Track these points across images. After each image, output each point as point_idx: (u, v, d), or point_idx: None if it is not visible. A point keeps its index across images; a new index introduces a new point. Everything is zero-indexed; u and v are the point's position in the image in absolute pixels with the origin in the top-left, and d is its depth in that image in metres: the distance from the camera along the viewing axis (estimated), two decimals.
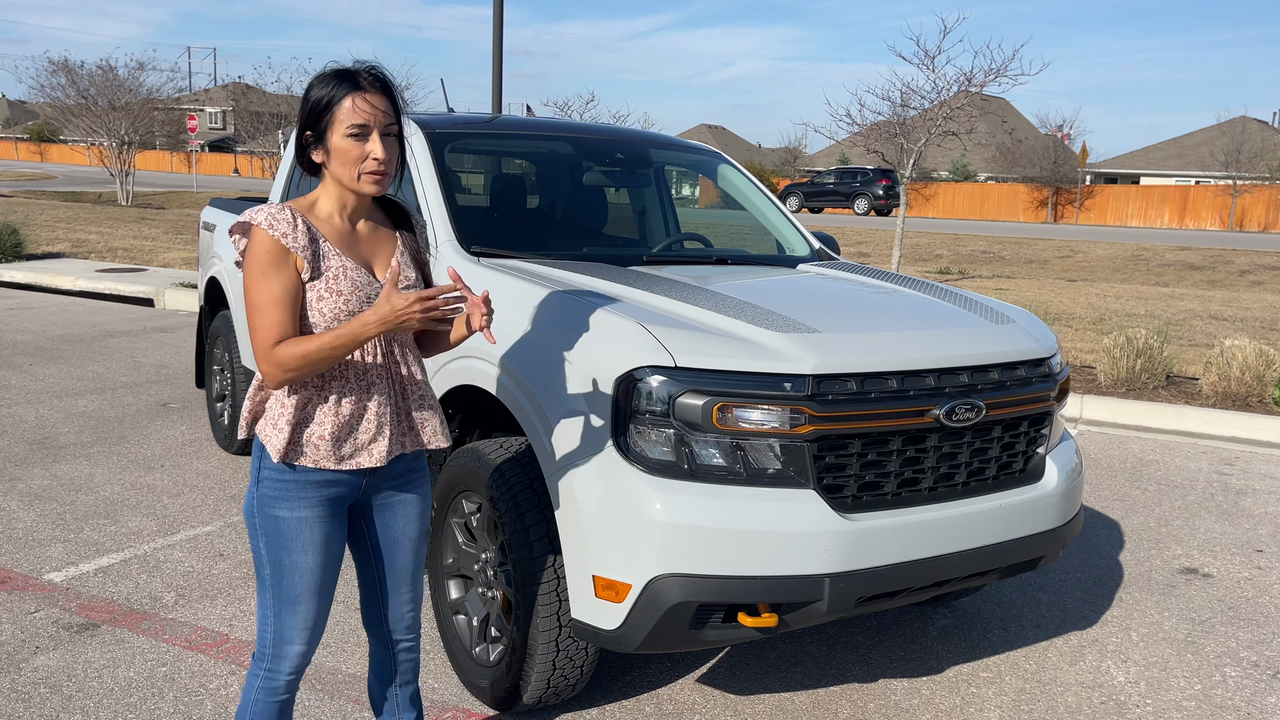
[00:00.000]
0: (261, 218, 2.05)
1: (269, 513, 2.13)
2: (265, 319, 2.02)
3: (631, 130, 5.18)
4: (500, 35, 12.34)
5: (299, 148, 2.13)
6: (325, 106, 2.06)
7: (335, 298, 2.08)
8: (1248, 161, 43.88)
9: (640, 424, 2.62)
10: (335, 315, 2.08)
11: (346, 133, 2.06)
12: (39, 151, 68.82)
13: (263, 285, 2.03)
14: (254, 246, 2.04)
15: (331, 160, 2.09)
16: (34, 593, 3.75)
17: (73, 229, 18.08)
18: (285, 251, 2.04)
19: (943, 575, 2.83)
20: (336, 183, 2.12)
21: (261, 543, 2.16)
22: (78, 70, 28.63)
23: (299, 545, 2.14)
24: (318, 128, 2.08)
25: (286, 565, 2.15)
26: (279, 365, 2.00)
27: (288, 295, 2.04)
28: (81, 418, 6.16)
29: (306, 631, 2.21)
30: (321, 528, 2.16)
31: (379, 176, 2.10)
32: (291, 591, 2.17)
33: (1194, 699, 3.33)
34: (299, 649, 2.21)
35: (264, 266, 2.03)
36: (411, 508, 2.33)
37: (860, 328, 3.02)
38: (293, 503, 2.13)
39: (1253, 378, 7.19)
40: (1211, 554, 4.66)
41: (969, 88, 14.68)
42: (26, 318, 9.76)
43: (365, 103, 2.06)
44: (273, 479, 2.12)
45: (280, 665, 2.21)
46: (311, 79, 2.13)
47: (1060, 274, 20.46)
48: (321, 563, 2.18)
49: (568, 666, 2.89)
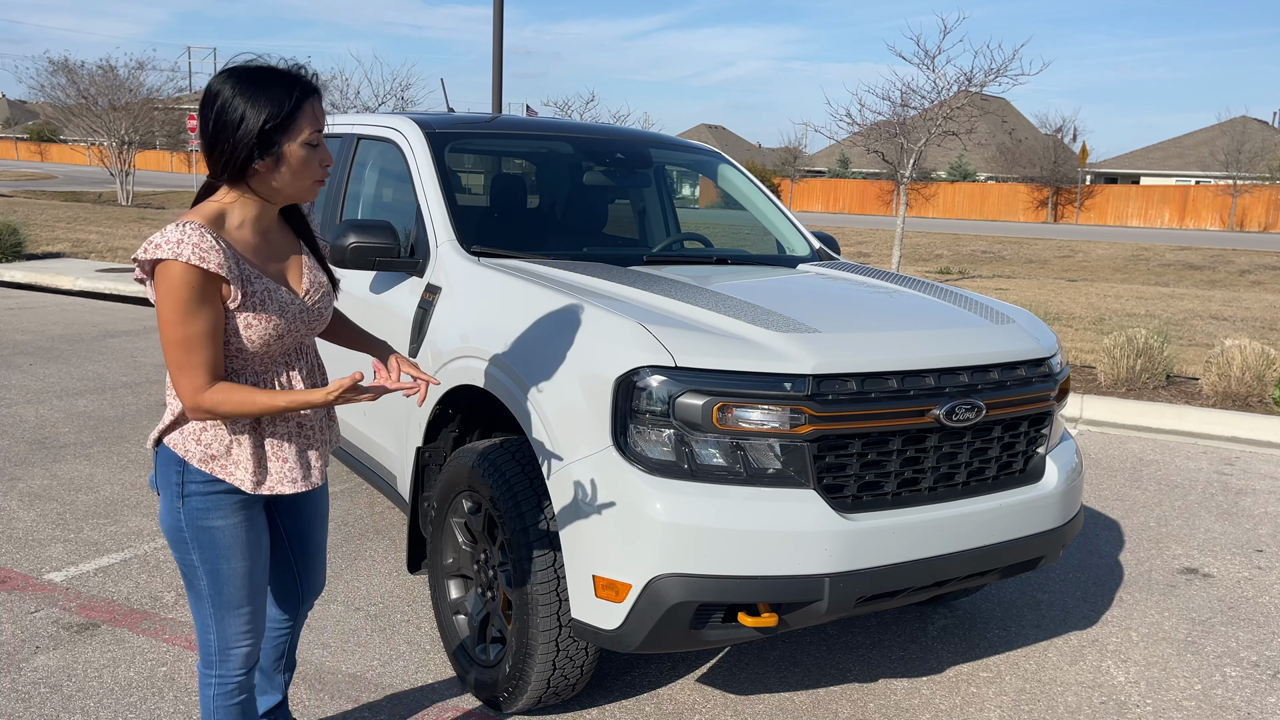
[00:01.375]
0: (188, 251, 1.86)
1: (201, 525, 2.09)
2: (194, 358, 1.91)
3: (631, 130, 5.18)
4: (500, 35, 12.34)
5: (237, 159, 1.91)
6: (287, 115, 1.90)
7: (265, 324, 1.99)
8: (1248, 161, 43.90)
9: (640, 424, 2.62)
10: (264, 340, 2.01)
11: (309, 140, 1.94)
12: (39, 151, 68.83)
13: (189, 321, 1.89)
14: (176, 280, 1.87)
15: (281, 169, 1.94)
16: (34, 593, 3.75)
17: (73, 229, 18.08)
18: (216, 282, 1.90)
19: (943, 575, 2.83)
20: (264, 190, 1.97)
21: (195, 555, 2.11)
22: (78, 70, 28.67)
23: (236, 551, 2.12)
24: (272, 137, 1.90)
25: (225, 573, 2.13)
26: (211, 410, 1.94)
27: (215, 329, 1.93)
28: (81, 418, 6.16)
29: (251, 632, 2.21)
30: (254, 529, 2.15)
31: (323, 184, 2.04)
32: (233, 598, 2.15)
33: (1194, 699, 3.33)
34: (245, 649, 2.22)
35: (188, 302, 1.88)
36: (318, 499, 2.42)
37: (860, 328, 3.02)
38: (224, 511, 2.09)
39: (1253, 378, 7.19)
40: (1211, 554, 4.66)
41: (969, 88, 14.70)
42: (26, 318, 9.76)
43: (320, 109, 1.97)
44: (202, 492, 2.07)
45: (229, 669, 2.21)
46: (225, 84, 1.90)
47: (1060, 274, 20.46)
48: (260, 565, 2.19)
49: (568, 666, 2.89)
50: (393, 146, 4.03)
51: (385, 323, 3.71)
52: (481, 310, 3.21)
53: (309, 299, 2.10)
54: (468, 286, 3.35)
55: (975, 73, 14.53)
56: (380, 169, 4.28)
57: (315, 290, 2.12)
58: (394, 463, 3.73)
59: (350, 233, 3.43)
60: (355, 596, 3.83)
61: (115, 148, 27.64)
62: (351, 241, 3.42)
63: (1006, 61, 15.95)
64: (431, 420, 3.38)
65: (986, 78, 14.43)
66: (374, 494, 5.00)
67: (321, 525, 2.45)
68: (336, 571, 4.05)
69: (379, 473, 3.90)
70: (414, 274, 3.62)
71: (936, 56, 14.47)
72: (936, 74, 14.65)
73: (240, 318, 1.97)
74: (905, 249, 23.49)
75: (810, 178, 57.68)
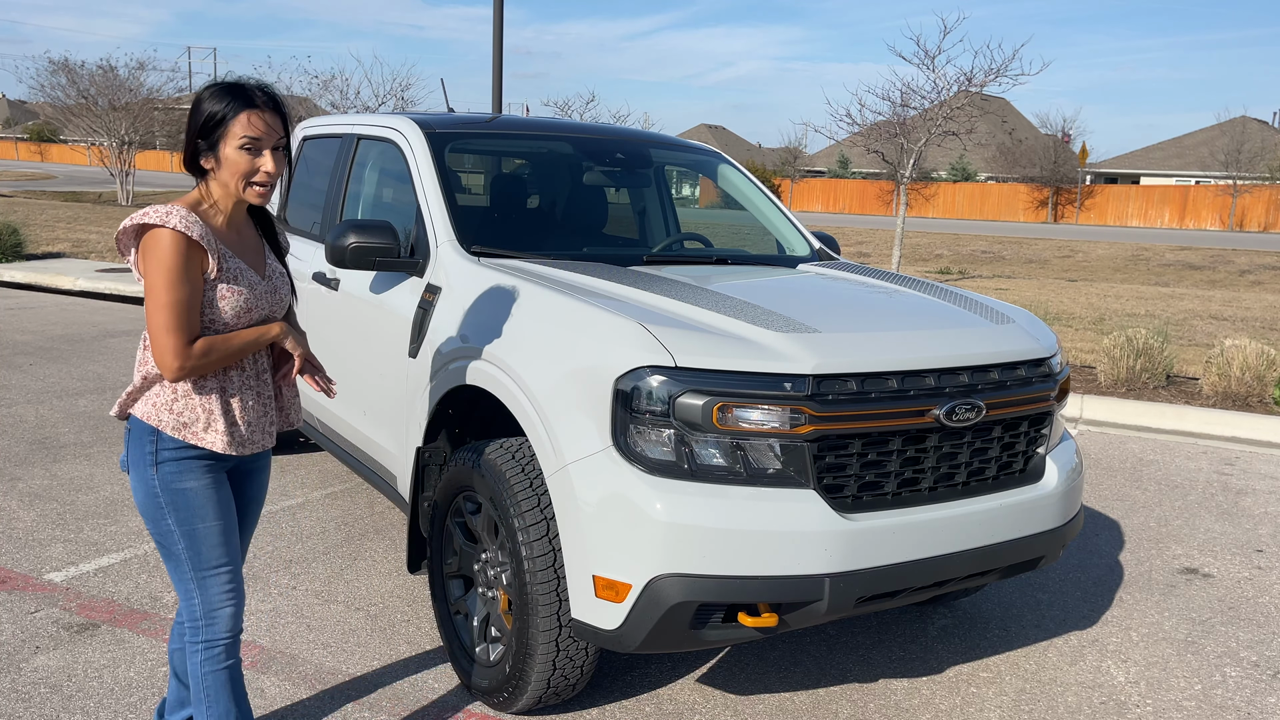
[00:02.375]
0: (176, 220, 2.15)
1: (176, 488, 2.28)
2: (178, 319, 2.16)
3: (631, 130, 5.18)
4: (500, 35, 12.34)
5: (189, 153, 2.25)
6: (220, 120, 2.19)
7: (236, 297, 2.26)
8: (1248, 161, 43.91)
9: (640, 424, 2.62)
10: (235, 313, 2.27)
11: (240, 144, 2.20)
12: (39, 151, 68.83)
13: (176, 286, 2.15)
14: (166, 248, 2.15)
15: (221, 169, 2.23)
16: (34, 593, 3.74)
17: (73, 229, 18.08)
18: (200, 253, 2.19)
19: (943, 575, 2.83)
20: (223, 189, 2.26)
21: (171, 519, 2.29)
22: (78, 70, 28.64)
23: (210, 511, 2.31)
24: (210, 138, 2.21)
25: (201, 532, 2.30)
26: (196, 360, 2.18)
27: (196, 297, 2.20)
28: (81, 418, 6.16)
29: (231, 591, 2.35)
30: (223, 491, 2.35)
31: (264, 189, 2.26)
32: (210, 557, 2.32)
33: (1194, 699, 3.33)
34: (229, 609, 2.35)
35: (177, 268, 2.15)
36: (265, 475, 2.58)
37: (860, 328, 3.02)
38: (197, 473, 2.30)
39: (1253, 378, 7.19)
40: (1211, 554, 4.66)
41: (969, 88, 14.69)
42: (26, 318, 9.76)
43: (259, 119, 2.21)
44: (174, 457, 2.27)
45: (216, 631, 2.34)
46: (202, 91, 2.25)
47: (1060, 274, 20.46)
48: (230, 523, 2.36)
49: (568, 666, 2.89)
50: (393, 146, 4.02)
51: (385, 323, 3.71)
52: (482, 310, 3.21)
53: (271, 284, 2.38)
54: (468, 287, 3.35)
55: (975, 73, 14.53)
56: (380, 169, 4.28)
57: (276, 277, 2.41)
58: (394, 463, 3.73)
59: (350, 233, 3.43)
60: (355, 596, 3.83)
61: (115, 148, 27.63)
62: (351, 241, 3.41)
63: (1006, 61, 15.94)
64: (431, 420, 3.38)
65: (986, 78, 14.43)
66: (374, 494, 5.00)
67: (257, 512, 2.61)
68: (336, 571, 4.05)
69: (379, 473, 3.90)
70: (414, 274, 3.62)
71: (936, 56, 14.47)
72: (936, 74, 14.65)
73: (217, 289, 2.24)
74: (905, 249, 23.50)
75: (810, 178, 57.69)
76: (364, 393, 3.96)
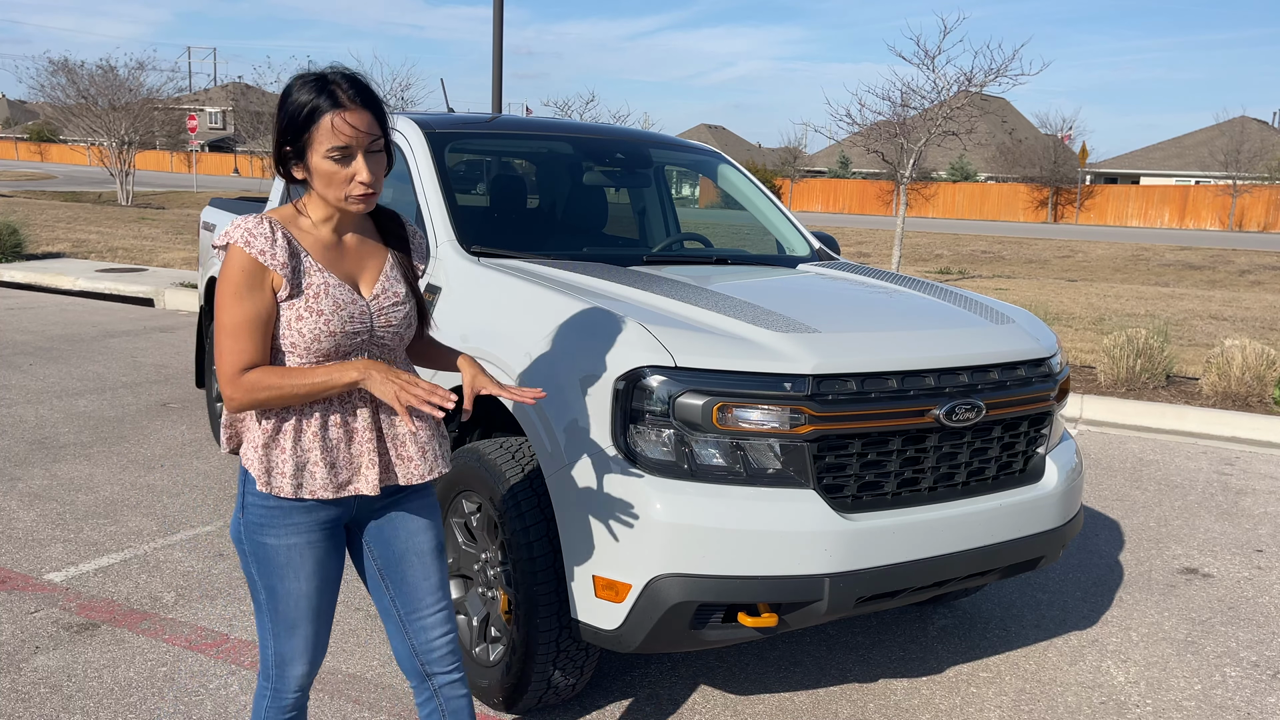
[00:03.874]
0: (238, 235, 1.92)
1: (256, 539, 2.03)
2: (235, 343, 1.91)
3: (631, 130, 5.18)
4: (500, 35, 12.34)
5: (278, 159, 1.98)
6: (303, 124, 1.91)
7: (315, 317, 1.95)
8: (1247, 161, 43.91)
9: (640, 424, 2.62)
10: (315, 335, 1.95)
11: (327, 155, 1.91)
12: (39, 151, 68.83)
13: (235, 307, 1.91)
14: (229, 265, 1.92)
15: (314, 179, 1.95)
16: (34, 593, 3.74)
17: (73, 229, 18.08)
18: (262, 270, 1.92)
19: (943, 575, 2.83)
20: (320, 199, 1.99)
21: (253, 568, 2.06)
22: (78, 70, 28.66)
23: (291, 572, 2.04)
24: (296, 144, 1.93)
25: (280, 592, 2.06)
26: (247, 392, 1.91)
27: (260, 318, 1.93)
28: (81, 418, 6.16)
29: (307, 652, 2.12)
30: (313, 553, 2.05)
31: (366, 197, 1.97)
32: (288, 617, 2.08)
33: (1194, 699, 3.33)
34: (301, 669, 2.13)
35: (238, 287, 1.91)
36: (414, 519, 2.17)
37: (860, 328, 3.02)
38: (280, 530, 2.02)
39: (1253, 378, 7.19)
40: (1211, 554, 4.66)
41: (969, 88, 14.69)
42: (26, 318, 9.76)
43: (345, 124, 1.90)
44: (258, 506, 2.02)
45: (285, 685, 2.14)
46: (289, 84, 1.96)
47: (1060, 274, 20.46)
48: (317, 587, 2.08)
49: (568, 666, 2.89)
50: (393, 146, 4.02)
51: None
52: (481, 310, 3.21)
53: (375, 304, 2.03)
54: (468, 286, 3.35)
55: (975, 73, 14.53)
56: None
57: (386, 298, 2.05)
58: None
59: None
60: (355, 596, 3.82)
61: (115, 148, 27.63)
62: None
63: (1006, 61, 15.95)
64: None
65: (986, 78, 14.43)
66: None
67: (420, 565, 2.17)
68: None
69: None
70: None
71: (936, 56, 14.47)
72: (936, 74, 14.66)
73: (290, 309, 1.95)
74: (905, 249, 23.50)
75: (810, 178, 57.68)
76: None
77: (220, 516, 4.61)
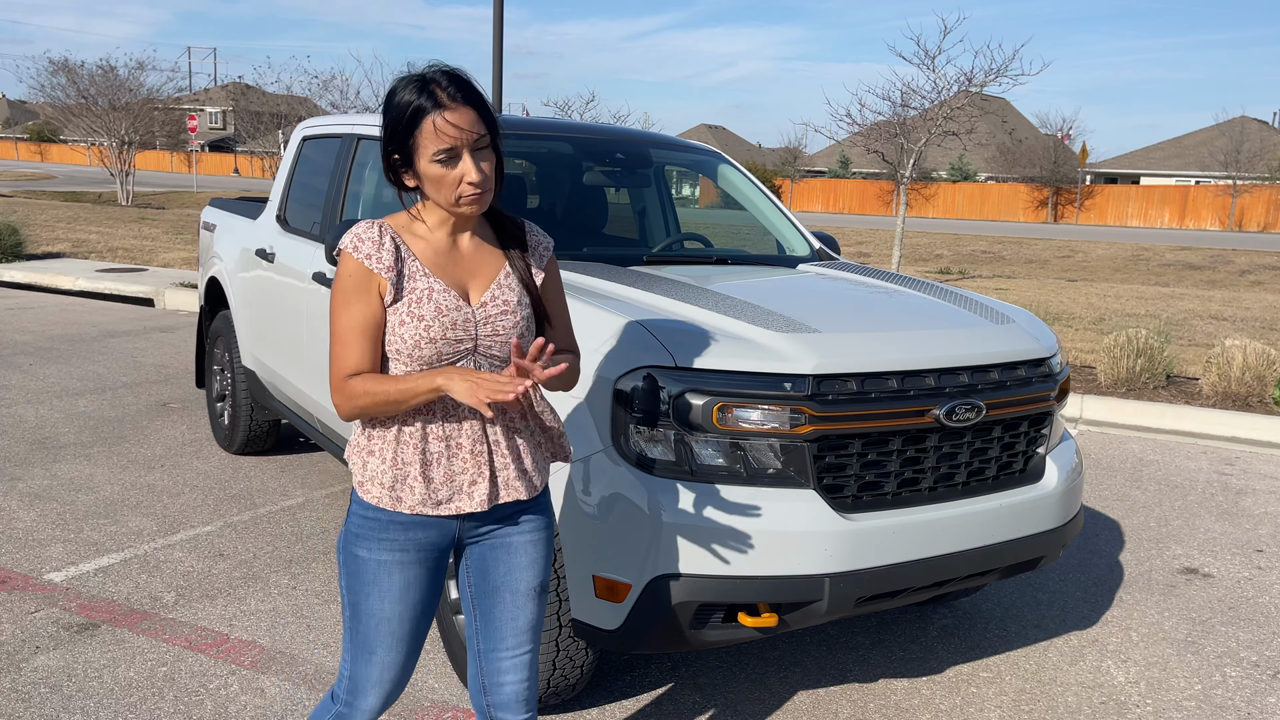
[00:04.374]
0: (348, 240, 1.90)
1: (350, 550, 1.97)
2: (340, 348, 1.89)
3: (631, 130, 5.18)
4: (500, 35, 12.34)
5: (387, 167, 1.94)
6: (406, 129, 1.86)
7: (416, 323, 1.88)
8: (1247, 161, 43.93)
9: (640, 424, 2.62)
10: (415, 342, 1.88)
11: (433, 159, 1.85)
12: (39, 151, 68.84)
13: (342, 312, 1.89)
14: (340, 270, 1.91)
15: (425, 185, 1.91)
16: (34, 593, 3.74)
17: (73, 229, 18.08)
18: (368, 275, 1.88)
19: (943, 575, 2.83)
20: (433, 204, 1.95)
21: (343, 581, 2.00)
22: (78, 70, 28.66)
23: (375, 590, 1.95)
24: (403, 150, 1.89)
25: (363, 610, 1.97)
26: (348, 399, 1.87)
27: (367, 324, 1.88)
28: (81, 418, 6.16)
29: (382, 685, 2.01)
30: (401, 574, 1.95)
31: (476, 197, 1.90)
32: (366, 639, 1.98)
33: (1194, 699, 3.33)
34: (373, 702, 2.02)
35: (346, 292, 1.89)
36: (519, 554, 2.05)
37: (860, 328, 3.02)
38: (372, 543, 1.94)
39: (1253, 378, 7.19)
40: (1211, 554, 4.66)
41: (969, 88, 14.70)
42: (26, 318, 9.76)
43: (448, 124, 1.83)
44: (358, 515, 1.96)
45: (353, 709, 2.04)
46: (391, 87, 1.91)
47: (1060, 274, 20.46)
48: (399, 612, 1.97)
49: (568, 666, 2.89)
50: None
51: None
52: None
53: (481, 312, 1.95)
54: None
55: (975, 73, 14.53)
56: (380, 169, 4.27)
57: (494, 306, 1.96)
58: None
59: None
60: None
61: (115, 148, 27.63)
62: None
63: (1006, 62, 15.96)
64: None
65: (986, 78, 14.44)
66: None
67: (511, 605, 2.06)
68: (337, 571, 4.05)
69: None
70: None
71: (937, 56, 14.47)
72: (936, 74, 14.66)
73: (394, 314, 1.90)
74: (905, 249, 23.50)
75: (810, 178, 57.69)
76: None
77: (220, 516, 4.61)
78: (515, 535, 2.05)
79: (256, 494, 4.94)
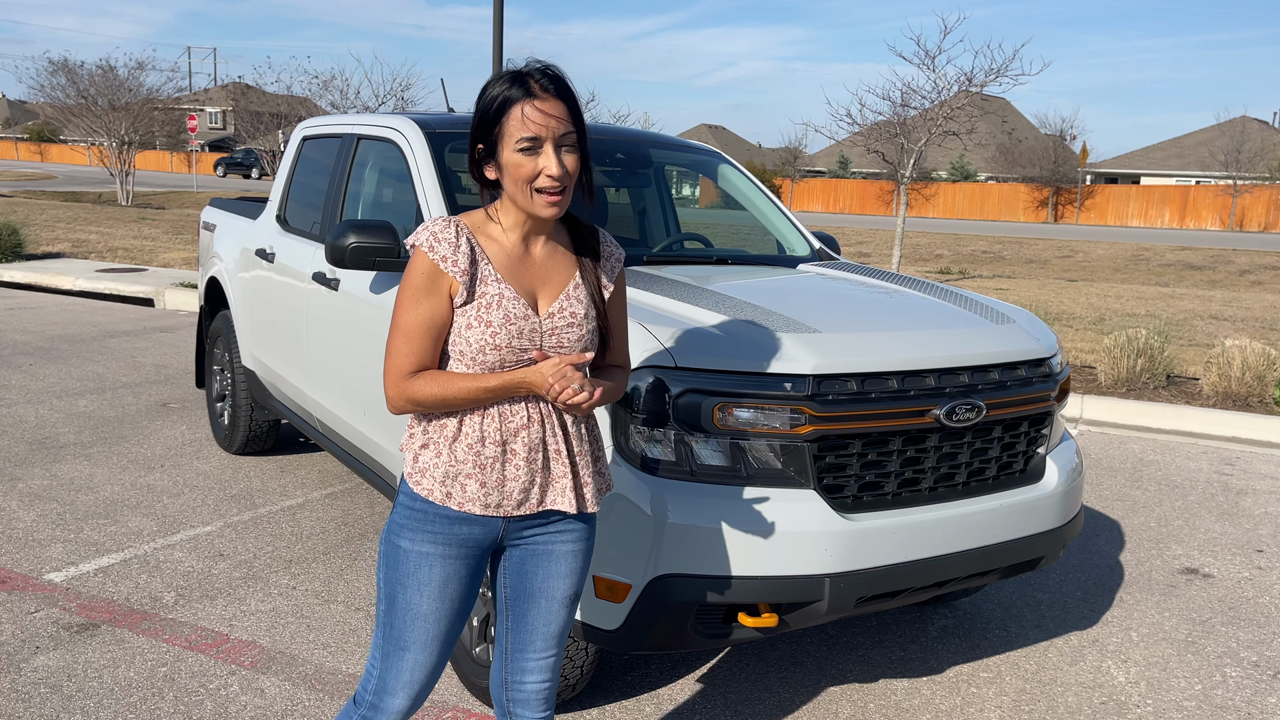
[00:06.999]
0: (424, 237, 1.88)
1: (392, 540, 1.95)
2: (405, 345, 1.87)
3: (631, 130, 5.17)
4: (500, 35, 12.34)
5: (471, 160, 1.92)
6: (494, 116, 1.84)
7: (483, 328, 1.87)
8: (1248, 161, 43.92)
9: (641, 424, 2.62)
10: (480, 347, 1.88)
11: (517, 147, 1.83)
12: (39, 151, 68.84)
13: (410, 308, 1.87)
14: (411, 266, 1.89)
15: (504, 177, 1.87)
16: (34, 593, 3.74)
17: (73, 229, 18.08)
18: (440, 275, 1.87)
19: (943, 575, 2.83)
20: (511, 202, 1.91)
21: (382, 573, 1.98)
22: (77, 70, 28.66)
23: (414, 583, 1.93)
24: (488, 140, 1.87)
25: (400, 603, 1.95)
26: (408, 396, 1.87)
27: (433, 323, 1.88)
28: (81, 418, 6.16)
29: (411, 686, 1.99)
30: (442, 568, 1.94)
31: (554, 197, 1.87)
32: (400, 635, 1.96)
33: (1194, 699, 3.33)
34: (400, 704, 1.99)
35: (415, 289, 1.87)
36: (559, 563, 2.04)
37: (861, 328, 3.02)
38: (416, 534, 1.93)
39: (1253, 378, 7.19)
40: (1212, 554, 4.66)
41: (969, 88, 14.69)
42: (26, 318, 9.76)
43: (536, 111, 1.82)
44: (404, 505, 1.95)
45: (378, 713, 2.01)
46: (486, 82, 1.90)
47: (1060, 274, 20.46)
48: (436, 609, 1.95)
49: (568, 667, 2.89)
50: (393, 146, 4.02)
51: (385, 323, 3.71)
52: None
53: (549, 322, 1.93)
54: None
55: (975, 73, 14.53)
56: (380, 169, 4.27)
57: (561, 317, 1.94)
58: (395, 463, 3.73)
59: (350, 233, 3.43)
60: (355, 596, 3.82)
61: (115, 148, 27.63)
62: (351, 242, 3.41)
63: (1007, 61, 15.96)
64: None
65: (987, 78, 14.43)
66: (374, 494, 5.00)
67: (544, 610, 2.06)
68: (337, 571, 4.05)
69: (379, 473, 3.90)
70: None
71: (937, 56, 14.48)
72: (937, 74, 14.65)
73: (463, 315, 1.89)
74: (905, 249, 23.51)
75: (810, 178, 57.68)
76: (364, 392, 3.95)
77: (220, 516, 4.61)
78: (558, 543, 2.03)
79: (256, 494, 4.94)
